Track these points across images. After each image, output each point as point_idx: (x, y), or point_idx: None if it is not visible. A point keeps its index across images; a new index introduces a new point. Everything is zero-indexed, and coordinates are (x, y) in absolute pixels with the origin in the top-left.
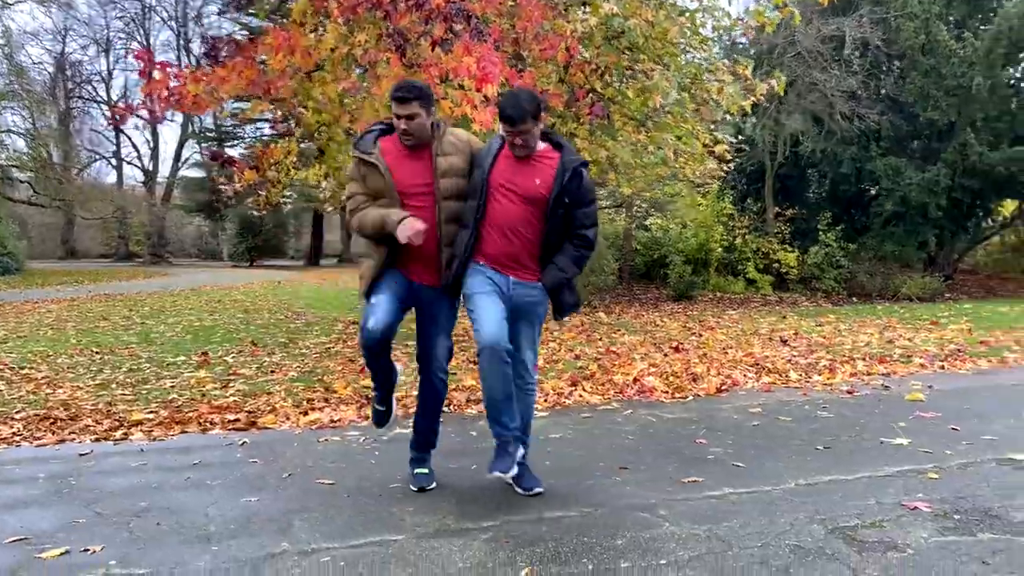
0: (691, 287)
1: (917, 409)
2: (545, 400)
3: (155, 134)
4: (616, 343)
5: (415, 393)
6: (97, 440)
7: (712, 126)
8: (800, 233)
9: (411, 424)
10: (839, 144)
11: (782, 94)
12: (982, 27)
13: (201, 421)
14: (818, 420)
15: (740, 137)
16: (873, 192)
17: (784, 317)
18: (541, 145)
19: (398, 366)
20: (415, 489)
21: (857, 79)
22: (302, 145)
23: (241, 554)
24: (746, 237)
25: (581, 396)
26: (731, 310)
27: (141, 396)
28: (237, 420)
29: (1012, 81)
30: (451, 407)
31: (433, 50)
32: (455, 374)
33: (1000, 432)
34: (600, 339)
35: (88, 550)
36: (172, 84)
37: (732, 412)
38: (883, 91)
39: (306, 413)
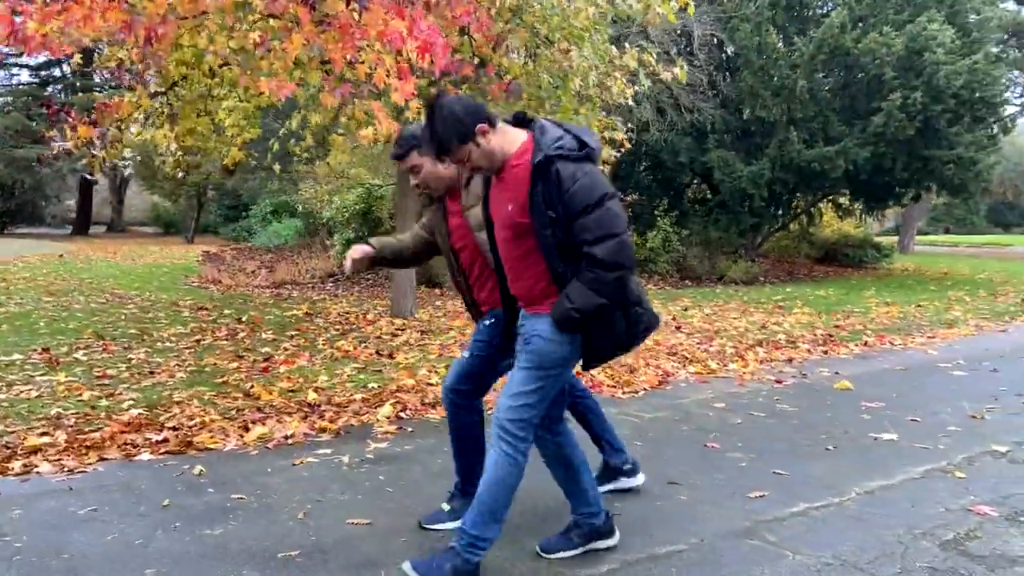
0: None
1: (860, 399)
2: None
3: None
4: None
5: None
6: None
7: (604, 113)
8: (635, 217)
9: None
10: (678, 135)
11: (683, 81)
12: (798, 35)
13: (120, 444)
14: (785, 415)
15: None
16: (686, 180)
17: None
18: (519, 138)
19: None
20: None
21: (703, 73)
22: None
23: None
24: None
25: None
26: None
27: (9, 411)
28: (165, 441)
29: (828, 86)
30: None
31: (348, 6)
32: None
33: (953, 421)
34: None
35: None
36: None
37: (696, 407)
38: (718, 88)
39: (247, 428)
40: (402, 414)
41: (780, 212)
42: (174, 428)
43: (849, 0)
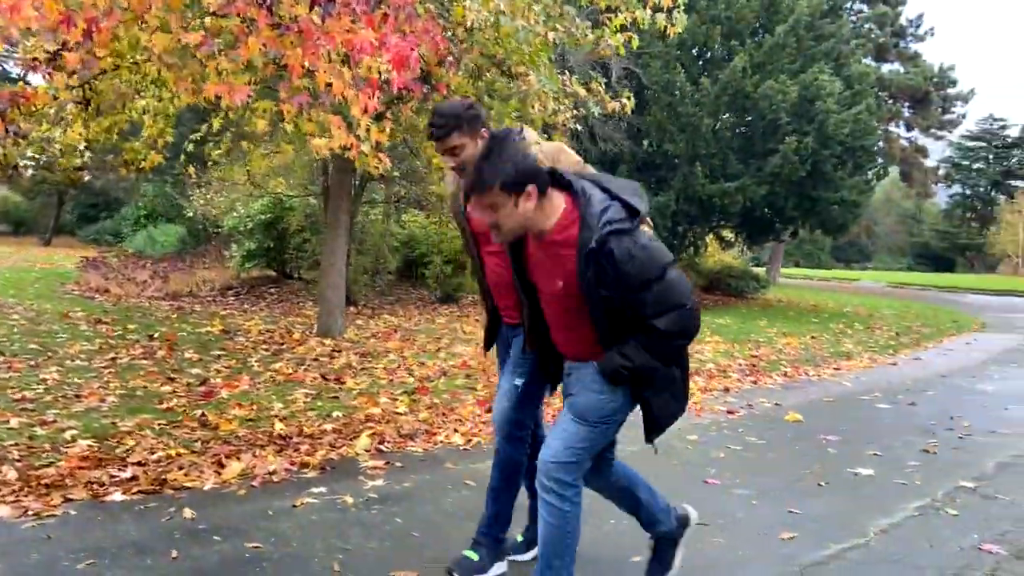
0: (459, 288)
1: (815, 432)
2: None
3: None
4: (459, 356)
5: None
6: None
7: (545, 137)
8: None
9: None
10: (588, 163)
11: (629, 113)
12: (703, 75)
13: (84, 483)
14: (758, 448)
15: None
16: None
17: None
18: (558, 207)
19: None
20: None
21: (620, 105)
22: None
23: None
24: None
25: None
26: None
27: None
28: (135, 479)
29: (728, 125)
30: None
31: (311, 9)
32: None
33: (910, 456)
34: (440, 351)
35: None
36: None
37: (669, 438)
38: (626, 119)
39: (221, 463)
40: (381, 447)
41: (676, 242)
42: (139, 463)
43: (749, 47)
